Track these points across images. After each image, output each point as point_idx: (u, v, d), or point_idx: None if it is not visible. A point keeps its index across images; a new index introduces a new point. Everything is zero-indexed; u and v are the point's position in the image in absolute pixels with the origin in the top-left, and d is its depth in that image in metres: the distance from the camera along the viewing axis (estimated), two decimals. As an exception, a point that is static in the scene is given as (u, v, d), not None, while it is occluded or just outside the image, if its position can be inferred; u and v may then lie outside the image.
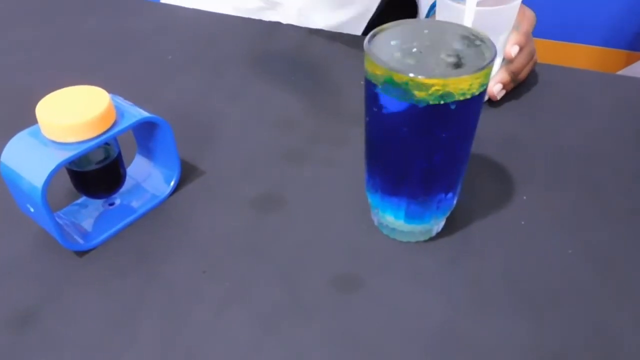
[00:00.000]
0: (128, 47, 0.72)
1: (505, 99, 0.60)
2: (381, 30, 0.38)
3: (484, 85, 0.36)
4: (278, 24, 0.76)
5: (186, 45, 0.72)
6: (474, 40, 0.37)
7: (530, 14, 0.59)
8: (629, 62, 1.62)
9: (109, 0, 0.84)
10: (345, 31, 0.75)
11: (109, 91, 0.45)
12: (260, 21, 0.76)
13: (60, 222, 0.45)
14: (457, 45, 0.37)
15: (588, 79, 0.64)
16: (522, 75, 0.60)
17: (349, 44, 0.71)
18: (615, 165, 0.52)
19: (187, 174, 0.51)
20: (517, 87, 0.62)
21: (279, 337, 0.38)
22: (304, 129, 0.57)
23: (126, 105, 0.45)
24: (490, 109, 0.59)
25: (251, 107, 0.61)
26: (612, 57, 1.64)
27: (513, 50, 0.56)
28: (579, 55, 1.66)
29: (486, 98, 0.59)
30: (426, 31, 0.38)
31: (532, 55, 0.60)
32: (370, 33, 0.38)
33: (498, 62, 0.58)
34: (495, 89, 0.58)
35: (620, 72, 1.61)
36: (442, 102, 0.34)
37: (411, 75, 0.34)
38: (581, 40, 1.65)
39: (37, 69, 0.68)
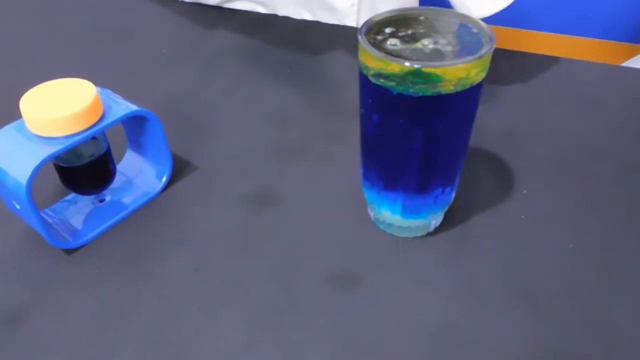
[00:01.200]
0: (122, 41, 0.71)
1: (505, 90, 0.59)
2: (375, 19, 0.37)
3: (482, 74, 0.34)
4: (274, 16, 0.74)
5: (181, 39, 0.71)
6: (471, 28, 0.36)
7: None
8: (631, 55, 1.61)
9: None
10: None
11: (101, 85, 0.44)
12: (256, 13, 0.75)
13: (49, 219, 0.44)
14: (454, 32, 0.35)
15: (590, 70, 0.63)
16: None
17: (345, 35, 0.70)
18: (617, 158, 0.50)
19: (180, 169, 0.50)
20: (518, 79, 0.60)
21: (274, 336, 0.37)
22: (300, 123, 0.56)
23: (115, 98, 0.43)
24: (490, 101, 0.58)
25: (246, 101, 0.59)
26: (614, 50, 1.63)
27: None
28: (581, 48, 1.64)
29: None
30: (422, 18, 0.37)
31: None
32: (365, 22, 0.37)
33: None
34: None
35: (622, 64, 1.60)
36: (438, 92, 0.33)
37: (406, 64, 0.32)
38: (582, 33, 1.63)
39: (26, 64, 0.67)
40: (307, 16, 0.75)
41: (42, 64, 0.66)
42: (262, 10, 0.75)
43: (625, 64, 1.56)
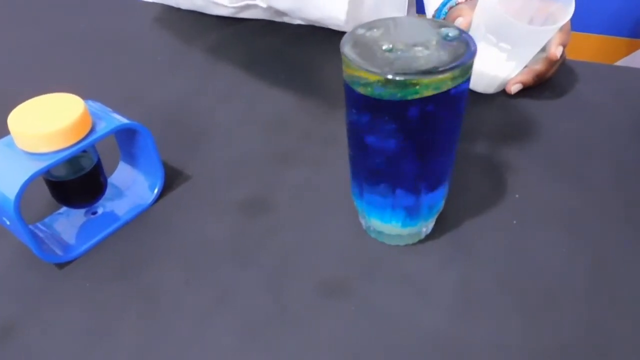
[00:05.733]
0: (117, 49, 0.71)
1: (497, 94, 0.59)
2: (360, 29, 0.37)
3: (465, 83, 0.34)
4: (270, 22, 0.74)
5: (176, 46, 0.71)
6: (455, 38, 0.35)
7: None
8: (630, 51, 1.60)
9: (97, 1, 0.83)
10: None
11: (96, 94, 0.44)
12: (252, 20, 0.75)
13: (40, 233, 0.44)
14: (437, 42, 0.35)
15: (583, 71, 0.62)
16: (548, 74, 0.59)
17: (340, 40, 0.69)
18: (611, 162, 0.50)
19: (173, 178, 0.50)
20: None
21: (265, 347, 0.37)
22: (294, 130, 0.56)
23: (104, 111, 0.43)
24: (481, 104, 0.57)
25: (240, 107, 0.59)
26: (612, 46, 1.62)
27: (558, 50, 0.55)
28: (578, 45, 1.63)
29: (500, 89, 0.59)
30: (406, 28, 0.37)
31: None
32: (348, 32, 0.37)
33: (520, 67, 0.57)
34: (514, 88, 0.57)
35: (621, 61, 1.59)
36: (421, 101, 0.33)
37: (389, 76, 0.32)
38: (580, 29, 1.63)
39: (19, 73, 0.67)
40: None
41: (35, 72, 0.66)
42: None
43: (623, 61, 1.55)
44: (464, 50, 0.34)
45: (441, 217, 0.44)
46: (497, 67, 0.55)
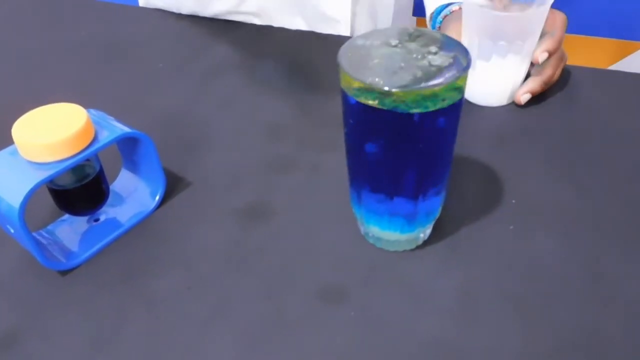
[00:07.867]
0: (119, 56, 0.71)
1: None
2: (357, 39, 0.38)
3: (460, 94, 0.35)
4: (269, 27, 0.75)
5: (177, 52, 0.72)
6: (451, 49, 0.36)
7: (561, 17, 0.58)
8: (625, 54, 1.60)
9: (99, 9, 0.83)
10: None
11: (98, 103, 0.44)
12: (252, 25, 0.75)
13: (43, 241, 0.45)
14: (433, 53, 0.36)
15: (579, 75, 0.63)
16: (554, 79, 0.60)
17: (340, 45, 0.70)
18: (608, 167, 0.51)
19: (174, 185, 0.51)
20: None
21: (265, 354, 0.38)
22: (294, 135, 0.56)
23: (107, 120, 0.44)
24: (476, 110, 0.58)
25: (240, 114, 0.60)
26: (607, 48, 1.62)
27: (541, 56, 0.55)
28: (571, 47, 1.63)
29: (510, 101, 0.59)
30: (402, 40, 0.37)
31: (561, 59, 0.60)
32: (346, 43, 0.37)
33: (524, 67, 0.57)
34: (524, 98, 0.57)
35: (617, 64, 1.59)
36: (416, 112, 0.34)
37: (386, 88, 0.33)
38: (572, 31, 1.63)
39: (24, 83, 0.67)
40: (303, 26, 0.75)
41: (38, 82, 0.67)
42: (257, 22, 0.76)
43: (618, 65, 1.55)
44: (459, 60, 0.35)
45: (438, 222, 0.44)
46: (503, 71, 0.56)
